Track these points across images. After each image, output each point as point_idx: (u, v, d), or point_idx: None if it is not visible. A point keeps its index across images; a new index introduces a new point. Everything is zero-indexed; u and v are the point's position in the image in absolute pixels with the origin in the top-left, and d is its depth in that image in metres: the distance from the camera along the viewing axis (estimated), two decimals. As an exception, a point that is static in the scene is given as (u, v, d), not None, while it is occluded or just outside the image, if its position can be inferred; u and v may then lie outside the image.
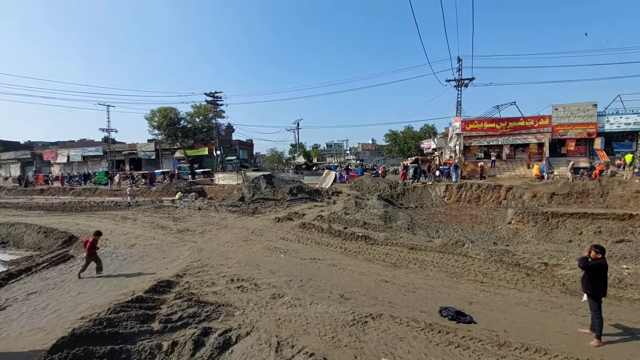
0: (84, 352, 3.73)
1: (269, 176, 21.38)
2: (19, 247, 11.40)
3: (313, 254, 8.43)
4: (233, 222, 12.62)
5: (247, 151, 50.85)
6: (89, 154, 46.13)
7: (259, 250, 8.79)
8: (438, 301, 5.76)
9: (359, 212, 13.90)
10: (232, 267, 7.25)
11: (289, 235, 10.33)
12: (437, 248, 9.04)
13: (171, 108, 39.90)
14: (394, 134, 60.86)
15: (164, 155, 43.55)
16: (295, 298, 5.55)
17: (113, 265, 7.81)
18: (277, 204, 16.68)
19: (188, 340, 4.12)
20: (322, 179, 27.37)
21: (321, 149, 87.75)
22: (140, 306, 5.14)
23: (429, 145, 37.67)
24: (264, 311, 5.10)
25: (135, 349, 3.99)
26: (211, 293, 5.78)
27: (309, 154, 61.05)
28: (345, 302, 5.54)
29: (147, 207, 16.98)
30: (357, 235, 10.01)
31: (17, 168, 49.50)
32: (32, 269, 7.72)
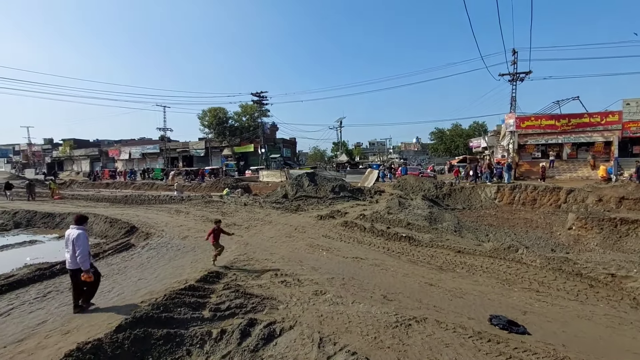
0: (144, 333, 4.06)
1: (312, 174, 21.64)
2: (89, 234, 12.66)
3: (355, 253, 8.41)
4: (277, 218, 12.98)
5: (290, 149, 51.94)
6: (148, 151, 49.99)
7: (302, 246, 8.95)
8: (488, 309, 5.47)
9: (402, 212, 13.59)
10: (276, 262, 7.47)
11: (331, 233, 10.39)
12: (487, 252, 8.57)
13: (220, 108, 41.98)
14: (440, 132, 58.57)
15: (213, 153, 45.89)
16: (337, 296, 5.58)
17: (169, 254, 8.40)
18: (320, 201, 16.84)
19: (235, 329, 4.32)
20: (364, 177, 27.14)
21: (363, 147, 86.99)
22: (192, 294, 5.48)
23: (479, 143, 35.74)
24: (307, 307, 5.19)
25: (188, 334, 4.27)
26: (256, 286, 6.01)
27: (351, 152, 60.84)
28: (388, 303, 5.46)
29: (197, 202, 18.03)
30: (401, 236, 9.80)
31: (87, 164, 55.13)
32: (100, 255, 8.52)
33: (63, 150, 58.29)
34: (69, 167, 57.49)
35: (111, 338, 3.82)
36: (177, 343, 4.08)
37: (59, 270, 7.17)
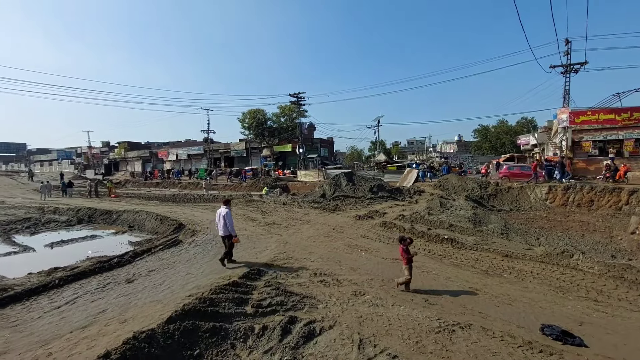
0: (192, 325, 4.28)
1: (349, 174, 21.55)
2: (141, 230, 13.61)
3: (395, 254, 8.23)
4: (315, 217, 13.09)
5: (327, 149, 52.12)
6: (193, 152, 52.65)
7: (340, 246, 8.95)
8: (539, 317, 5.12)
9: (443, 212, 13.10)
10: (315, 262, 7.53)
11: (369, 234, 10.29)
12: (538, 257, 8.03)
13: (259, 110, 43.11)
14: (484, 129, 55.73)
15: (252, 153, 47.29)
16: (377, 297, 5.51)
17: (213, 251, 8.79)
18: (357, 201, 16.74)
19: (277, 326, 4.42)
20: (403, 177, 26.54)
21: (402, 146, 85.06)
22: (236, 290, 5.68)
23: (527, 140, 33.45)
24: (346, 307, 5.17)
25: (232, 328, 4.43)
26: (296, 284, 6.09)
27: (389, 152, 59.77)
28: (430, 307, 5.29)
29: (239, 201, 18.68)
30: (443, 238, 9.47)
31: (139, 164, 59.22)
32: (151, 250, 9.11)
33: (118, 152, 63.18)
34: (123, 167, 62.17)
35: (163, 328, 4.07)
36: (222, 336, 4.26)
37: (116, 264, 7.79)
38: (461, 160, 43.57)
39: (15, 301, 5.81)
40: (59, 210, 17.90)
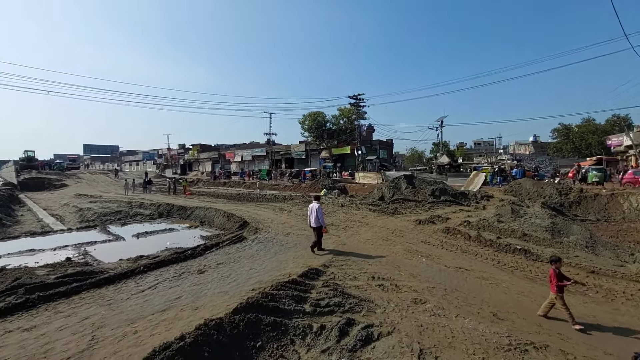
0: (255, 318, 4.52)
1: (410, 176, 20.89)
2: (211, 226, 14.73)
3: (459, 263, 7.79)
4: (373, 220, 12.93)
5: (386, 151, 51.14)
6: (256, 154, 55.55)
7: (399, 251, 8.72)
8: (632, 345, 4.42)
9: (515, 220, 12.01)
10: (373, 265, 7.44)
11: (430, 239, 9.85)
12: (632, 276, 6.96)
13: (319, 112, 43.92)
14: (565, 129, 49.95)
15: (311, 155, 48.34)
16: (438, 307, 5.26)
17: (274, 248, 9.18)
18: (418, 205, 16.14)
19: (334, 327, 4.46)
20: (469, 180, 24.94)
21: (467, 147, 79.90)
22: (295, 288, 5.86)
23: (620, 141, 29.16)
24: (405, 314, 5.03)
25: (292, 324, 4.58)
26: (354, 287, 6.09)
27: (453, 154, 56.52)
28: (499, 323, 4.90)
29: (298, 202, 19.23)
30: (515, 248, 8.69)
31: (209, 165, 64.19)
32: (219, 245, 9.80)
33: (192, 153, 69.27)
34: (196, 167, 67.95)
35: (230, 318, 4.37)
36: (282, 331, 4.43)
37: (189, 255, 8.53)
38: (537, 163, 39.42)
39: (109, 283, 6.69)
40: (144, 205, 20.21)
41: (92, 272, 7.27)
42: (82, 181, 43.15)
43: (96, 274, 7.04)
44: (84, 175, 49.58)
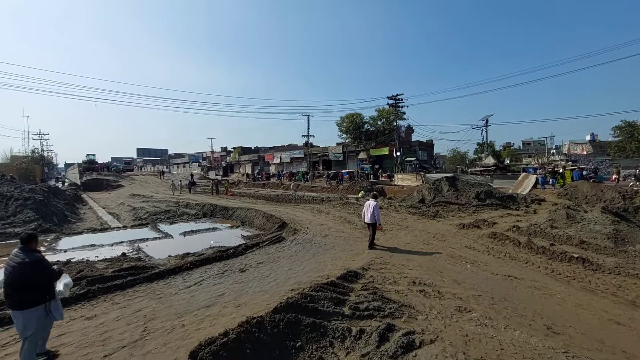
0: (294, 318, 4.56)
1: (452, 178, 20.04)
2: (251, 226, 15.18)
3: (507, 270, 7.32)
4: (413, 223, 12.57)
5: (426, 152, 49.61)
6: (294, 156, 56.42)
7: (441, 256, 8.38)
8: None
9: (572, 226, 11.06)
10: (414, 270, 7.22)
11: (475, 245, 9.37)
12: None
13: (357, 114, 43.67)
14: (629, 126, 45.21)
15: (349, 157, 48.15)
16: (485, 317, 4.98)
17: (312, 250, 9.24)
18: (461, 208, 15.44)
19: (374, 331, 4.38)
20: (517, 183, 23.42)
21: (515, 147, 75.14)
22: (334, 290, 5.84)
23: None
24: (449, 322, 4.81)
25: (330, 326, 4.56)
26: (393, 291, 5.94)
27: (499, 154, 53.43)
28: (554, 337, 4.52)
29: (336, 203, 19.22)
30: (571, 256, 8.00)
31: (249, 167, 66.29)
32: (259, 245, 10.05)
33: (233, 156, 71.97)
34: (237, 169, 70.48)
35: (270, 317, 4.44)
36: (321, 333, 4.42)
37: (231, 254, 8.84)
38: (596, 164, 36.04)
39: (159, 278, 7.12)
40: (190, 205, 21.32)
41: (145, 267, 7.79)
42: (135, 182, 46.55)
43: (148, 269, 7.53)
44: (137, 176, 53.46)
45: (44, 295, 3.90)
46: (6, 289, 3.84)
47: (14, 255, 3.90)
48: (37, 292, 3.85)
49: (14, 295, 3.79)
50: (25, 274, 3.79)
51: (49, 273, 3.98)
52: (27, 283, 3.79)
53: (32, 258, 3.89)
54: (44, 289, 3.92)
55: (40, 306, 3.86)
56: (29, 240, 4.04)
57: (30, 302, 3.80)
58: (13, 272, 3.80)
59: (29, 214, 15.50)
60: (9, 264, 3.86)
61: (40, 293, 3.88)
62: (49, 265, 4.05)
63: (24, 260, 3.83)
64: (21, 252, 3.92)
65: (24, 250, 3.94)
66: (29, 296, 3.80)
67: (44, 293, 3.91)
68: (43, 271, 3.92)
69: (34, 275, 3.83)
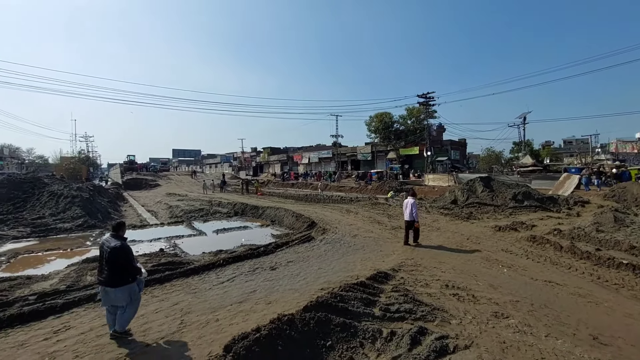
0: (325, 317, 4.58)
1: (487, 178, 19.26)
2: (280, 225, 15.41)
3: (548, 276, 6.93)
4: (445, 225, 12.22)
5: (459, 151, 48.01)
6: (323, 156, 56.59)
7: (476, 258, 8.09)
8: None
9: (620, 230, 10.29)
10: (446, 272, 7.02)
11: (512, 248, 8.95)
12: None
13: (386, 113, 43.06)
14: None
15: (378, 157, 47.60)
16: (524, 324, 4.74)
17: (341, 250, 9.23)
18: (497, 210, 14.80)
19: (405, 334, 4.30)
20: (558, 184, 22.13)
21: (555, 146, 70.93)
22: (364, 290, 5.81)
23: None
24: (484, 328, 4.63)
25: (361, 327, 4.54)
26: (425, 294, 5.81)
27: (537, 153, 50.66)
28: (601, 348, 4.23)
29: (365, 203, 19.07)
30: (620, 262, 7.44)
31: (278, 167, 67.27)
32: (289, 244, 10.17)
33: (263, 156, 73.38)
34: (266, 169, 71.81)
35: (301, 315, 4.49)
36: (351, 333, 4.41)
37: (262, 252, 9.02)
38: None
39: (194, 273, 7.40)
40: (222, 204, 21.99)
41: (181, 262, 8.14)
42: (171, 182, 48.67)
43: (184, 265, 7.86)
44: (172, 176, 55.86)
45: (129, 276, 4.49)
46: (102, 267, 4.49)
47: (106, 240, 4.56)
48: (123, 273, 4.45)
49: (107, 273, 4.42)
50: (115, 257, 4.39)
51: (130, 258, 4.53)
52: (117, 265, 4.40)
53: (119, 243, 4.48)
54: (128, 270, 4.49)
55: (127, 285, 4.46)
56: (118, 228, 4.74)
57: (120, 281, 4.42)
58: (107, 254, 4.42)
59: (77, 210, 16.65)
60: (104, 246, 4.49)
61: (126, 274, 4.47)
62: (130, 251, 4.60)
63: (115, 245, 4.44)
64: (112, 238, 4.58)
65: (114, 236, 4.60)
66: (118, 277, 4.41)
67: (128, 274, 4.49)
68: (127, 255, 4.48)
69: (121, 259, 4.41)
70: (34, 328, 4.93)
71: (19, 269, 8.87)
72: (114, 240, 4.52)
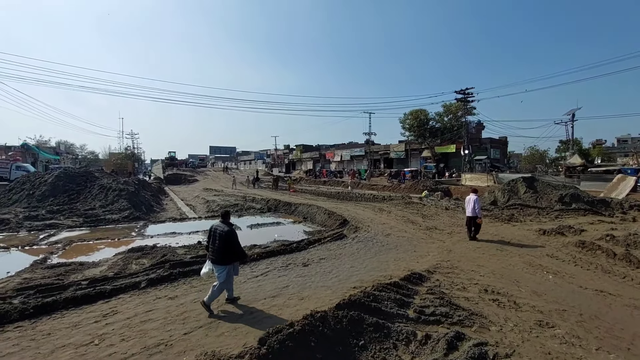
0: (357, 316, 4.55)
1: (530, 179, 18.18)
2: (313, 222, 15.51)
3: (599, 285, 6.41)
4: (484, 227, 11.66)
5: (499, 150, 45.70)
6: (355, 154, 56.18)
7: (518, 263, 7.66)
8: None
9: (686, 239, 9.29)
10: (485, 276, 6.71)
11: (559, 253, 8.38)
12: None
13: (421, 110, 41.90)
14: None
15: (412, 155, 46.47)
16: (572, 335, 4.43)
17: (374, 249, 9.13)
18: (541, 212, 13.91)
19: (441, 338, 4.17)
20: (611, 185, 20.42)
21: (608, 145, 65.57)
22: (397, 291, 5.70)
23: None
24: (527, 337, 4.38)
25: (394, 328, 4.45)
26: (462, 298, 5.60)
27: (587, 153, 47.03)
28: (663, 367, 3.85)
29: (398, 202, 18.71)
30: (686, 274, 6.72)
31: (310, 164, 67.71)
32: (321, 241, 10.21)
33: (296, 154, 74.21)
34: (299, 167, 72.58)
35: (333, 313, 4.49)
36: (384, 334, 4.34)
37: (294, 248, 9.12)
38: None
39: (229, 266, 7.64)
40: (256, 200, 22.53)
41: (217, 255, 8.42)
42: (208, 177, 50.63)
43: (220, 258, 8.13)
44: (209, 172, 58.13)
45: (233, 258, 5.29)
46: (213, 247, 5.24)
47: (218, 225, 5.31)
48: (229, 254, 5.22)
49: (218, 253, 5.19)
50: (224, 240, 5.14)
51: (236, 241, 5.25)
52: (225, 247, 5.14)
53: (227, 229, 5.22)
54: (232, 253, 5.23)
55: (230, 265, 5.26)
56: (226, 215, 5.51)
57: (225, 260, 5.20)
58: (219, 237, 5.18)
59: (123, 203, 17.79)
60: (216, 230, 5.25)
61: (231, 256, 5.25)
62: (236, 235, 5.29)
63: (224, 229, 5.20)
64: (222, 224, 5.32)
65: (223, 222, 5.35)
66: (225, 257, 5.18)
67: (232, 256, 5.28)
68: (233, 239, 5.19)
69: (228, 242, 5.15)
70: (85, 311, 5.34)
71: (73, 255, 9.63)
72: (224, 226, 5.24)
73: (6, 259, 9.39)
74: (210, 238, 5.37)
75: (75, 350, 4.14)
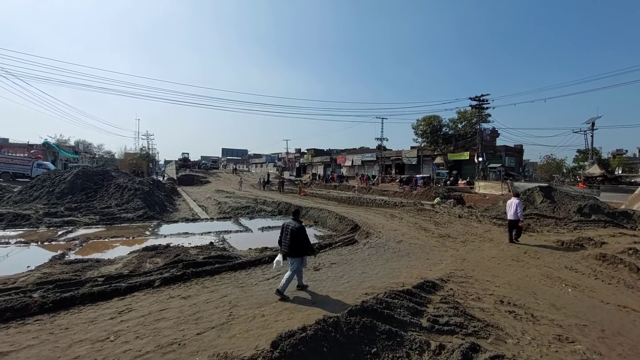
0: (370, 323, 4.49)
1: (548, 188, 17.76)
2: (323, 226, 15.47)
3: (622, 300, 6.19)
4: (499, 236, 11.45)
5: (514, 158, 44.89)
6: (366, 159, 55.99)
7: (535, 275, 7.46)
8: None
9: None
10: (501, 287, 6.55)
11: (578, 266, 8.13)
12: None
13: (435, 116, 41.57)
14: None
15: (424, 161, 46.03)
16: (593, 351, 4.28)
17: (386, 255, 9.03)
18: (559, 223, 13.55)
19: (456, 349, 4.07)
20: (633, 197, 19.76)
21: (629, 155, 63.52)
22: (410, 299, 5.61)
23: None
24: (546, 351, 4.25)
25: (407, 337, 4.37)
26: (477, 308, 5.47)
27: (607, 163, 45.68)
28: (692, 389, 3.67)
29: (409, 209, 18.52)
30: None
31: (321, 168, 67.76)
32: (332, 245, 10.14)
33: (307, 157, 74.41)
34: (309, 170, 72.68)
35: (346, 319, 4.44)
36: (397, 342, 4.27)
37: (306, 252, 9.08)
38: None
39: (241, 268, 7.67)
40: (267, 203, 22.64)
41: (229, 256, 8.48)
42: (220, 179, 51.23)
43: (232, 259, 8.18)
44: (221, 174, 58.81)
45: (302, 251, 5.96)
46: (285, 241, 5.94)
47: (289, 222, 6.01)
48: (300, 248, 5.90)
49: (290, 247, 5.87)
50: (295, 235, 5.83)
51: (306, 236, 5.96)
52: (296, 241, 5.84)
53: (298, 226, 5.92)
54: (302, 247, 5.92)
55: (299, 258, 5.96)
56: (297, 214, 6.34)
57: (297, 253, 5.91)
58: (290, 232, 5.86)
59: (138, 202, 18.11)
60: (288, 227, 5.94)
61: (301, 249, 5.93)
62: (306, 231, 6.03)
63: (295, 226, 5.88)
64: (293, 221, 6.03)
65: (294, 219, 6.06)
66: (296, 250, 5.88)
67: (302, 250, 5.95)
68: (303, 235, 5.90)
69: (298, 237, 5.84)
70: (101, 307, 5.42)
71: (90, 252, 9.83)
72: (295, 223, 5.93)
73: (26, 253, 9.66)
74: (282, 233, 6.03)
75: (91, 346, 4.20)
